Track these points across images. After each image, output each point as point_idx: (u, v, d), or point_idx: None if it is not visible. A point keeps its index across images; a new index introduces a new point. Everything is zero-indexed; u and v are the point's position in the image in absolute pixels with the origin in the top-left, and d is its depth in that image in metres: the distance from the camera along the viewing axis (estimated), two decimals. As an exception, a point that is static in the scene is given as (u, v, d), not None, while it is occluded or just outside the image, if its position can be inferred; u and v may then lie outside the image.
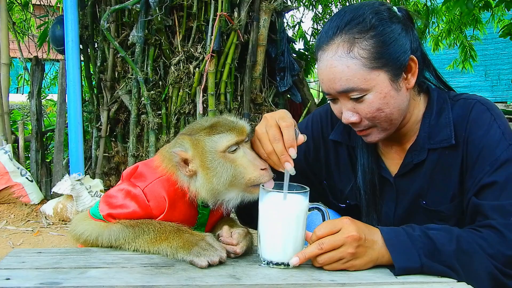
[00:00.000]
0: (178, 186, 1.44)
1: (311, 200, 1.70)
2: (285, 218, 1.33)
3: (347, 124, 1.57)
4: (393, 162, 1.68)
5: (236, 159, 1.41)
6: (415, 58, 1.51)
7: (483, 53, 9.63)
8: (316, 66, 1.55)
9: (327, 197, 1.84)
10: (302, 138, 1.42)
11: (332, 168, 1.78)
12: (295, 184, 1.39)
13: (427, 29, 8.90)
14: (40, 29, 6.66)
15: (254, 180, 1.40)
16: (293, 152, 1.38)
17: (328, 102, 1.62)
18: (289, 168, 1.37)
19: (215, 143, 1.40)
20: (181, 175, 1.44)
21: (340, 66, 1.43)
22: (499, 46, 11.16)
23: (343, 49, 1.43)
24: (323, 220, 1.41)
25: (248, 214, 1.59)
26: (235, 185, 1.42)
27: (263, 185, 1.37)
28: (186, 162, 1.41)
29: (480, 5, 5.37)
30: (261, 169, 1.41)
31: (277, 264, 1.33)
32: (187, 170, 1.41)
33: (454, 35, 9.19)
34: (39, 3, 7.06)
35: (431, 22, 8.96)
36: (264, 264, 1.35)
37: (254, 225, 1.41)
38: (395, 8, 1.55)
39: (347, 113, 1.51)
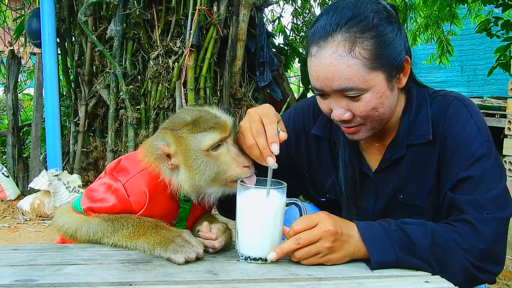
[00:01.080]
0: (160, 180, 1.44)
1: (293, 194, 1.70)
2: (262, 213, 1.33)
3: (332, 120, 1.56)
4: (373, 157, 1.69)
5: (220, 156, 1.41)
6: (408, 58, 1.52)
7: (459, 48, 9.72)
8: (309, 60, 1.50)
9: (308, 191, 1.85)
10: (283, 135, 1.41)
11: (314, 162, 1.79)
12: (273, 179, 1.39)
13: (405, 24, 8.96)
14: (16, 22, 6.52)
15: (236, 177, 1.41)
16: (275, 148, 1.37)
17: (316, 97, 1.59)
18: (271, 163, 1.37)
19: (198, 141, 1.39)
20: (164, 168, 1.44)
21: (341, 65, 1.41)
22: (475, 42, 11.27)
23: (344, 47, 1.40)
24: (300, 215, 1.42)
25: (227, 204, 1.59)
26: (217, 181, 1.42)
27: (241, 181, 1.38)
28: (168, 156, 1.41)
29: (456, -1, 5.43)
30: (244, 166, 1.41)
31: (254, 259, 1.34)
32: (169, 163, 1.41)
33: (432, 30, 9.27)
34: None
35: (409, 17, 9.04)
36: (242, 259, 1.35)
37: (233, 216, 1.42)
38: (386, 4, 1.54)
39: (339, 110, 1.49)
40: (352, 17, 1.42)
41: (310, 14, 9.50)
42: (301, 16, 9.35)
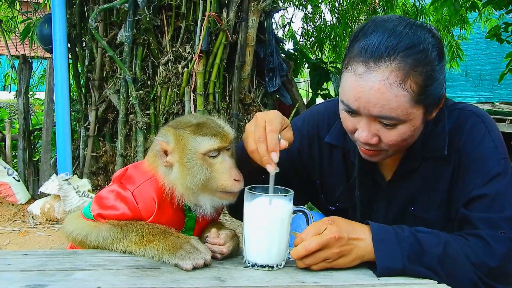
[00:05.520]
0: (163, 184, 1.46)
1: (299, 201, 1.69)
2: (270, 221, 1.34)
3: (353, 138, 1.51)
4: (388, 167, 1.66)
5: (214, 164, 1.43)
6: (445, 94, 1.49)
7: (464, 53, 9.67)
8: (345, 74, 1.43)
9: (318, 198, 1.84)
10: (284, 144, 1.41)
11: (325, 169, 1.77)
12: (280, 187, 1.40)
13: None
14: (24, 24, 6.57)
15: (226, 188, 1.42)
16: (274, 157, 1.38)
17: (341, 111, 1.50)
18: (270, 170, 1.38)
19: (197, 144, 1.42)
20: (160, 166, 1.46)
21: (389, 94, 1.33)
22: (480, 46, 11.19)
23: (396, 77, 1.32)
24: (307, 223, 1.43)
25: (236, 204, 1.58)
26: (207, 188, 1.44)
27: (249, 188, 1.38)
28: (166, 153, 1.44)
29: (467, 5, 5.40)
30: (235, 180, 1.43)
31: (261, 266, 1.35)
32: (165, 160, 1.44)
33: (442, 35, 9.23)
34: (26, 0, 7.00)
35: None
36: (249, 266, 1.36)
37: (242, 217, 1.43)
38: (438, 35, 1.47)
39: (367, 133, 1.42)
40: (412, 46, 1.34)
41: (320, 19, 9.51)
42: (312, 22, 9.38)
